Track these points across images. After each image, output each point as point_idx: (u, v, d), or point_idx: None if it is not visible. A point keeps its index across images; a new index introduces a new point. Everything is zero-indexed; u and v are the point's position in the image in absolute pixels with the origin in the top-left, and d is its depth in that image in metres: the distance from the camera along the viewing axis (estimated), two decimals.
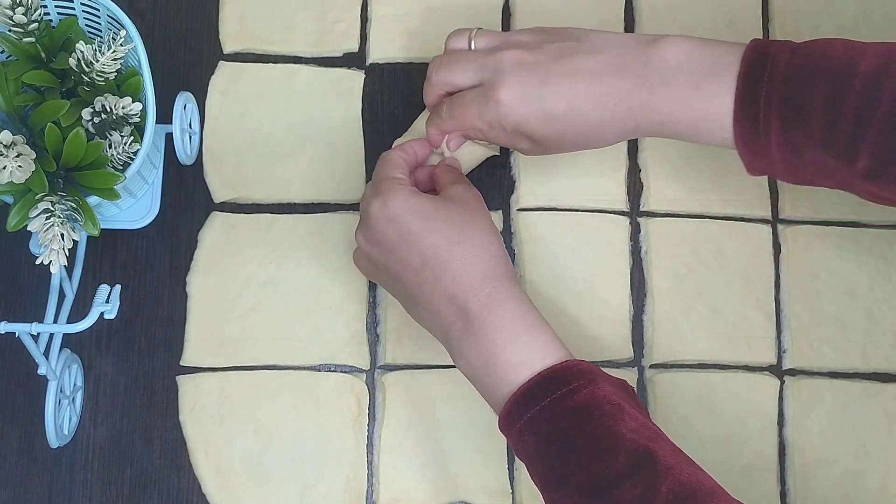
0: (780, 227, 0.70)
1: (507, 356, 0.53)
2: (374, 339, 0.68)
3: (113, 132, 0.59)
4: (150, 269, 0.68)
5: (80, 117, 0.58)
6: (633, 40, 0.57)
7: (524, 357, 0.53)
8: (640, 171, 0.71)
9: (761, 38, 0.72)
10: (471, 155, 0.68)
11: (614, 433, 0.49)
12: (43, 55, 0.59)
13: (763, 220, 0.70)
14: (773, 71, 0.52)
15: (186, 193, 0.69)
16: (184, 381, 0.66)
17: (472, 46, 0.60)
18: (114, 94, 0.58)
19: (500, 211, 0.70)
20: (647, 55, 0.56)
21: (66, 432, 0.64)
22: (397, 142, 0.69)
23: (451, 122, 0.60)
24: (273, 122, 0.70)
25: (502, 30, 0.73)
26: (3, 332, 0.58)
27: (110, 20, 0.61)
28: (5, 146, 0.54)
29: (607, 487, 0.48)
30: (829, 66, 0.52)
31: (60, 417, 0.63)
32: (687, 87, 0.54)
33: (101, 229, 0.59)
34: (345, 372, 0.67)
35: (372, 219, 0.57)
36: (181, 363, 0.67)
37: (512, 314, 0.54)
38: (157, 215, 0.68)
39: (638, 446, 0.49)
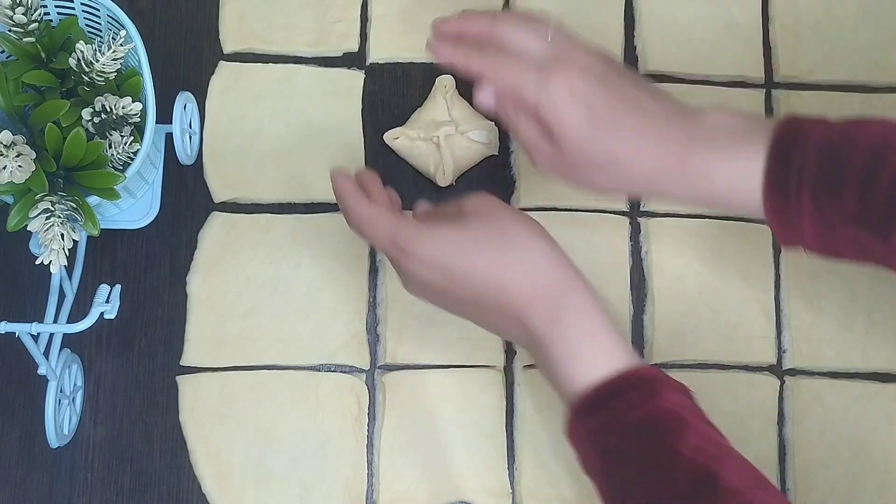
0: None
1: (568, 371, 0.51)
2: (374, 339, 0.68)
3: (113, 132, 0.59)
4: (150, 269, 0.68)
5: (80, 117, 0.58)
6: (681, 106, 0.56)
7: (585, 370, 0.51)
8: None
9: (761, 46, 0.73)
10: (468, 151, 0.68)
11: (675, 453, 0.48)
12: (43, 55, 0.59)
13: (763, 221, 0.70)
14: (807, 142, 0.51)
15: (186, 193, 0.69)
16: (184, 381, 0.66)
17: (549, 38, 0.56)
18: (114, 94, 0.58)
19: None
20: (696, 117, 0.55)
21: (66, 432, 0.64)
22: (392, 131, 0.69)
23: (488, 62, 0.55)
24: (273, 121, 0.70)
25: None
26: (3, 332, 0.58)
27: (110, 20, 0.61)
28: (5, 146, 0.54)
29: None
30: (864, 140, 0.50)
31: (60, 417, 0.63)
32: (725, 150, 0.53)
33: (101, 229, 0.59)
34: (345, 372, 0.67)
35: (410, 275, 0.54)
36: (181, 363, 0.67)
37: (574, 329, 0.52)
38: (157, 215, 0.68)
39: (698, 468, 0.47)
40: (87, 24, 0.63)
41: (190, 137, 0.68)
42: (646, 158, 0.54)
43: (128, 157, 0.60)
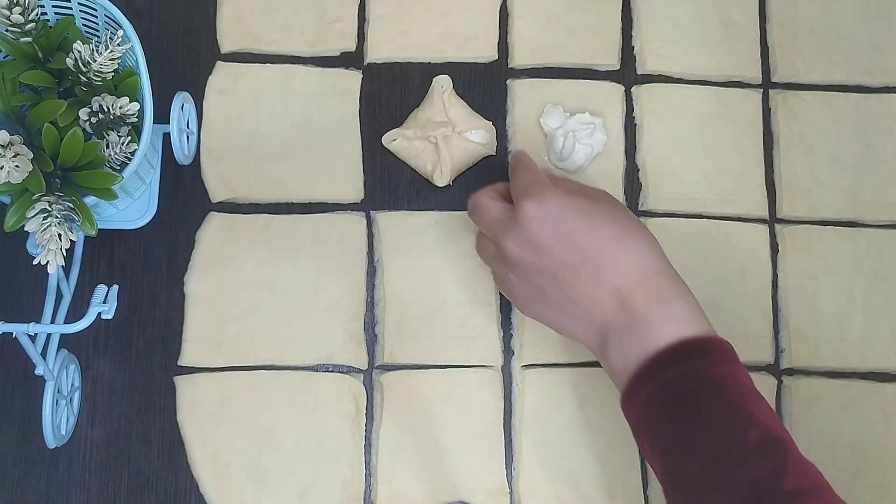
0: (777, 226, 0.70)
1: (663, 331, 0.53)
2: (371, 339, 0.68)
3: (110, 132, 0.59)
4: (148, 269, 0.68)
5: (78, 117, 0.58)
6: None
7: (672, 330, 0.53)
8: (638, 170, 0.71)
9: (759, 47, 0.73)
10: (466, 152, 0.68)
11: (749, 412, 0.50)
12: (40, 55, 0.59)
13: (760, 220, 0.70)
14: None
15: (184, 193, 0.69)
16: (181, 382, 0.66)
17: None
18: (111, 94, 0.58)
19: None
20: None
21: (63, 433, 0.64)
22: (390, 133, 0.69)
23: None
24: (271, 121, 0.70)
25: (500, 29, 0.73)
26: (0, 333, 0.58)
27: (108, 20, 0.61)
28: (2, 146, 0.54)
29: (735, 461, 0.48)
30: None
31: (58, 418, 0.63)
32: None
33: (99, 229, 0.59)
34: (342, 372, 0.67)
35: (526, 220, 0.56)
36: (179, 363, 0.67)
37: (680, 312, 0.54)
38: (154, 215, 0.68)
39: (771, 430, 0.49)
40: (84, 24, 0.63)
41: (187, 137, 0.68)
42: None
43: (125, 157, 0.60)
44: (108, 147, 0.59)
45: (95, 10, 0.61)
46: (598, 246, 0.55)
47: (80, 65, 0.58)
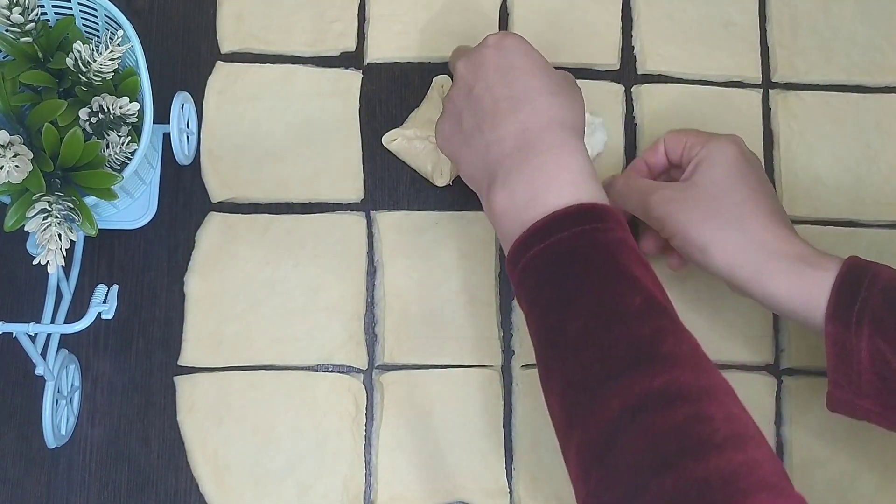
0: None
1: (559, 190, 0.53)
2: (371, 339, 0.68)
3: (110, 132, 0.59)
4: (148, 269, 0.68)
5: (78, 117, 0.58)
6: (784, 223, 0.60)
7: (571, 192, 0.53)
8: None
9: (758, 47, 0.73)
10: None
11: (636, 277, 0.50)
12: (40, 55, 0.59)
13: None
14: (874, 280, 0.54)
15: (184, 193, 0.69)
16: (181, 382, 0.66)
17: None
18: (111, 94, 0.58)
19: None
20: (790, 236, 0.59)
21: (63, 433, 0.64)
22: (390, 133, 0.69)
23: (668, 135, 0.64)
24: (271, 121, 0.70)
25: (500, 29, 0.73)
26: (0, 333, 0.58)
27: (108, 20, 0.61)
28: (2, 146, 0.54)
29: (616, 319, 0.48)
30: None
31: (58, 418, 0.63)
32: (792, 271, 0.56)
33: (99, 229, 0.59)
34: (343, 372, 0.67)
35: (484, 45, 0.58)
36: (179, 363, 0.67)
37: (578, 163, 0.54)
38: (154, 215, 0.68)
39: (655, 298, 0.50)
40: (84, 24, 0.63)
41: (187, 137, 0.68)
42: (770, 230, 0.58)
43: (125, 157, 0.60)
44: (108, 147, 0.59)
45: (95, 10, 0.61)
46: (528, 89, 0.56)
47: (80, 65, 0.58)
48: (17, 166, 0.54)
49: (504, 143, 0.55)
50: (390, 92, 0.72)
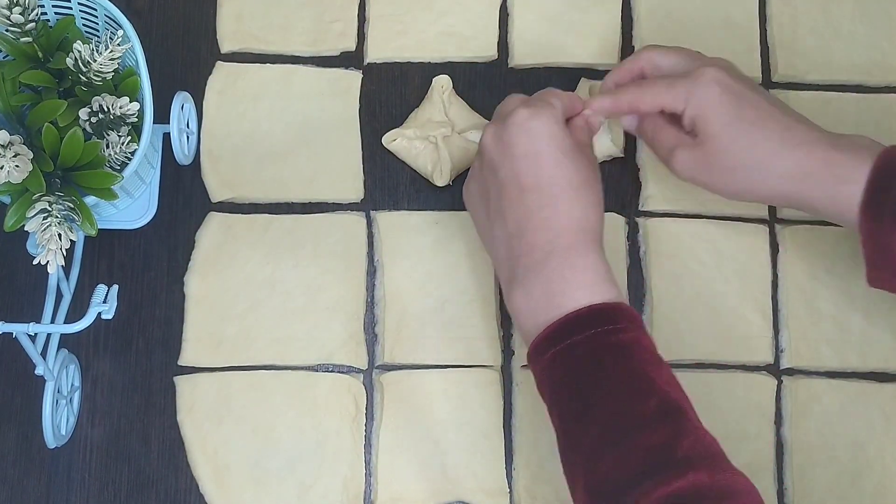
0: (777, 226, 0.70)
1: (574, 293, 0.53)
2: (371, 339, 0.68)
3: (110, 132, 0.59)
4: (148, 269, 0.68)
5: (78, 117, 0.58)
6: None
7: (585, 295, 0.53)
8: (638, 170, 0.71)
9: (758, 47, 0.73)
10: (466, 152, 0.68)
11: (650, 379, 0.51)
12: (40, 55, 0.59)
13: (761, 220, 0.70)
14: None
15: (184, 193, 0.69)
16: (181, 382, 0.66)
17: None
18: (111, 94, 0.58)
19: None
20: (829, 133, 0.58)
21: (63, 433, 0.64)
22: (390, 133, 0.69)
23: (636, 90, 0.60)
24: (270, 121, 0.70)
25: (500, 29, 0.73)
26: (0, 333, 0.58)
27: (108, 20, 0.61)
28: (2, 146, 0.54)
29: (631, 426, 0.49)
30: None
31: (58, 418, 0.63)
32: (823, 191, 0.57)
33: (99, 229, 0.59)
34: (342, 372, 0.67)
35: (512, 122, 0.57)
36: (179, 363, 0.67)
37: (592, 265, 0.55)
38: (154, 215, 0.68)
39: (670, 398, 0.50)
40: (84, 24, 0.63)
41: (187, 137, 0.68)
42: (789, 159, 0.57)
43: (125, 157, 0.60)
44: (108, 147, 0.59)
45: (95, 10, 0.61)
46: (554, 182, 0.56)
47: (80, 65, 0.58)
48: (17, 166, 0.54)
49: (525, 241, 0.55)
50: (390, 92, 0.72)
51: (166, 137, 0.67)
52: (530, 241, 0.55)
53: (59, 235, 0.55)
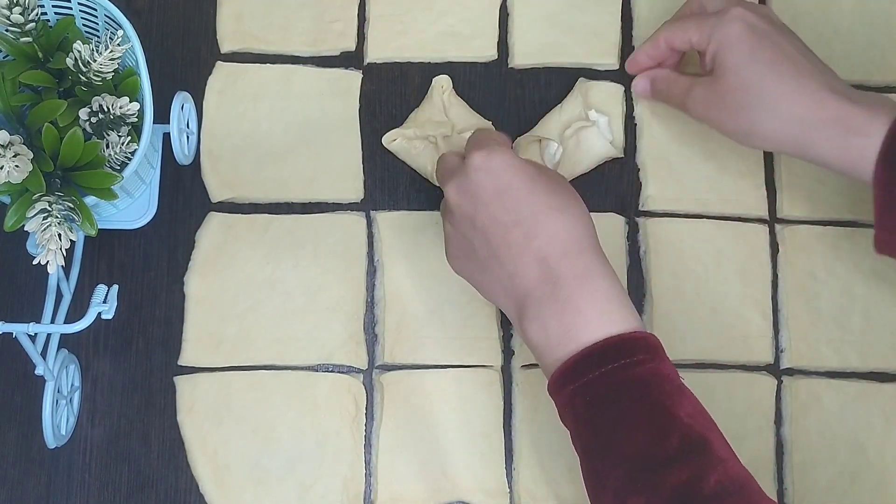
0: (777, 226, 0.70)
1: (588, 325, 0.52)
2: (371, 339, 0.68)
3: (110, 132, 0.59)
4: (148, 269, 0.68)
5: (78, 117, 0.58)
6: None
7: (598, 325, 0.52)
8: (638, 170, 0.71)
9: None
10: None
11: (671, 414, 0.50)
12: (40, 55, 0.59)
13: (760, 220, 0.70)
14: None
15: (184, 193, 0.69)
16: (181, 382, 0.66)
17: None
18: (111, 94, 0.58)
19: None
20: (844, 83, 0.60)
21: (63, 433, 0.64)
22: (390, 133, 0.69)
23: (668, 30, 0.64)
24: (270, 121, 0.70)
25: (500, 29, 0.73)
26: (0, 333, 0.58)
27: (108, 20, 0.61)
28: (2, 146, 0.54)
29: (655, 466, 0.48)
30: None
31: (58, 418, 0.63)
32: (835, 139, 0.57)
33: (99, 229, 0.59)
34: (342, 372, 0.67)
35: (471, 169, 0.56)
36: (179, 363, 0.67)
37: (603, 290, 0.53)
38: (154, 215, 0.68)
39: (693, 432, 0.49)
40: (84, 24, 0.63)
41: (187, 137, 0.68)
42: (800, 103, 0.58)
43: (125, 157, 0.60)
44: (108, 147, 0.59)
45: (95, 10, 0.61)
46: (533, 210, 0.55)
47: (80, 65, 0.58)
48: (17, 166, 0.54)
49: (527, 276, 0.54)
50: (390, 92, 0.72)
51: (166, 137, 0.67)
52: (532, 275, 0.54)
53: (59, 235, 0.55)
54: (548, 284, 0.53)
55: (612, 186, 0.70)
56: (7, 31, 0.58)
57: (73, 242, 0.57)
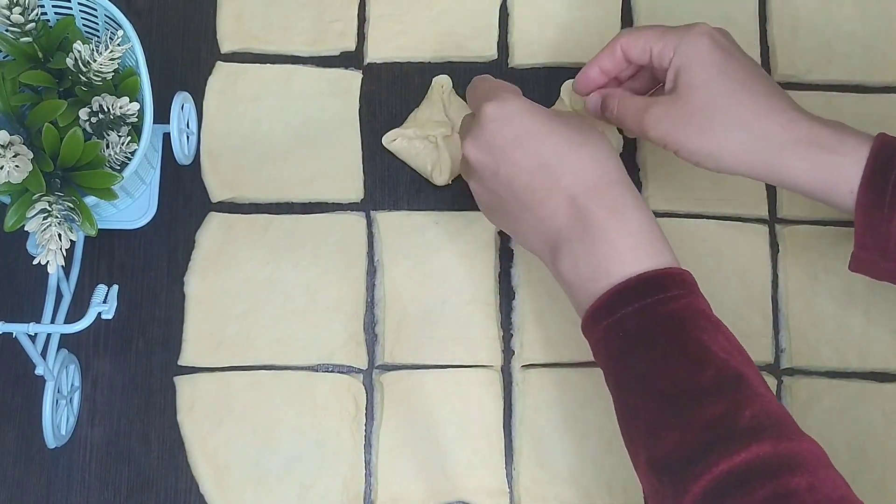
0: (777, 226, 0.70)
1: (624, 259, 0.52)
2: (371, 339, 0.68)
3: (110, 132, 0.59)
4: (148, 269, 0.68)
5: (78, 117, 0.58)
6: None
7: (635, 259, 0.52)
8: (638, 170, 0.71)
9: (759, 46, 0.73)
10: None
11: (706, 347, 0.49)
12: (40, 55, 0.59)
13: (760, 220, 0.70)
14: None
15: (184, 193, 0.69)
16: (181, 382, 0.66)
17: None
18: (111, 94, 0.58)
19: None
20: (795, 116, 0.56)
21: (63, 433, 0.64)
22: (390, 133, 0.69)
23: (627, 39, 0.60)
24: (270, 121, 0.70)
25: (500, 29, 0.73)
26: (0, 333, 0.58)
27: (108, 20, 0.61)
28: (2, 146, 0.54)
29: (689, 399, 0.48)
30: None
31: (58, 418, 0.63)
32: (807, 159, 0.55)
33: (99, 229, 0.59)
34: (342, 372, 0.67)
35: (485, 120, 0.55)
36: (179, 363, 0.67)
37: (636, 223, 0.53)
38: (154, 215, 0.68)
39: (728, 366, 0.49)
40: (84, 24, 0.63)
41: (188, 137, 0.68)
42: (773, 122, 0.55)
43: (125, 157, 0.60)
44: (108, 147, 0.59)
45: (95, 10, 0.61)
46: (555, 150, 0.54)
47: (80, 65, 0.58)
48: (17, 166, 0.54)
49: (557, 216, 0.54)
50: (390, 92, 0.72)
51: (166, 137, 0.67)
52: (562, 215, 0.54)
53: (59, 235, 0.55)
54: (579, 222, 0.53)
55: None
56: (7, 31, 0.58)
57: (73, 242, 0.57)
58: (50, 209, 0.55)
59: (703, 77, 0.56)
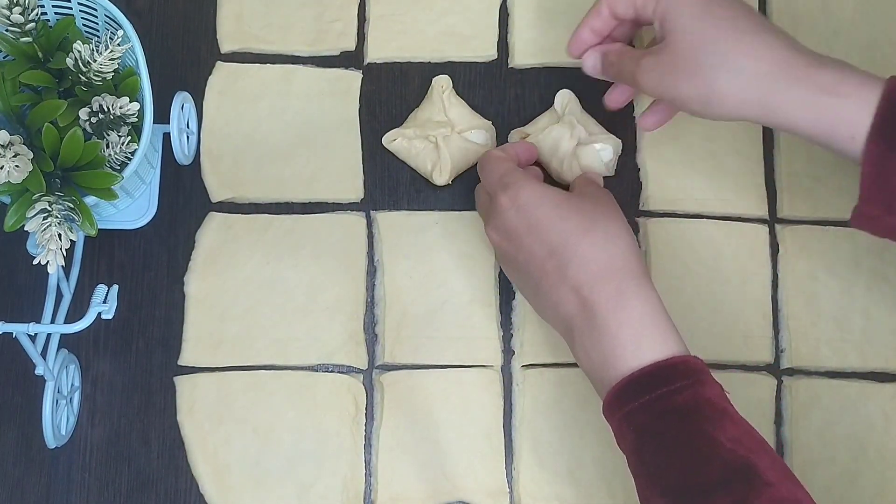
0: (777, 226, 0.70)
1: (621, 351, 0.52)
2: (371, 339, 0.68)
3: (110, 132, 0.59)
4: (148, 269, 0.68)
5: (78, 117, 0.58)
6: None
7: (638, 352, 0.52)
8: (638, 170, 0.71)
9: None
10: (466, 152, 0.68)
11: (712, 439, 0.49)
12: (40, 55, 0.59)
13: (761, 220, 0.70)
14: None
15: (184, 193, 0.69)
16: (181, 382, 0.66)
17: None
18: (111, 94, 0.58)
19: None
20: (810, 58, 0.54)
21: (63, 433, 0.64)
22: (390, 133, 0.69)
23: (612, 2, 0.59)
24: (270, 121, 0.70)
25: (500, 29, 0.73)
26: (0, 333, 0.58)
27: (108, 20, 0.61)
28: (2, 146, 0.54)
29: (696, 496, 0.48)
30: None
31: (58, 418, 0.63)
32: (807, 102, 0.52)
33: (99, 229, 0.59)
34: (342, 372, 0.67)
35: (501, 209, 0.58)
36: (179, 363, 0.67)
37: (638, 312, 0.53)
38: (154, 215, 0.68)
39: (736, 457, 0.48)
40: (84, 24, 0.63)
41: (187, 137, 0.68)
42: (764, 58, 0.53)
43: (125, 157, 0.60)
44: (108, 147, 0.59)
45: (95, 10, 0.61)
46: (563, 236, 0.55)
47: (80, 65, 0.58)
48: (17, 166, 0.54)
49: (567, 305, 0.55)
50: (390, 92, 0.72)
51: (166, 137, 0.67)
52: (571, 304, 0.55)
53: (59, 235, 0.55)
54: (584, 313, 0.54)
55: (612, 186, 0.70)
56: (7, 31, 0.58)
57: (73, 242, 0.57)
58: (50, 209, 0.55)
59: (687, 19, 0.54)
